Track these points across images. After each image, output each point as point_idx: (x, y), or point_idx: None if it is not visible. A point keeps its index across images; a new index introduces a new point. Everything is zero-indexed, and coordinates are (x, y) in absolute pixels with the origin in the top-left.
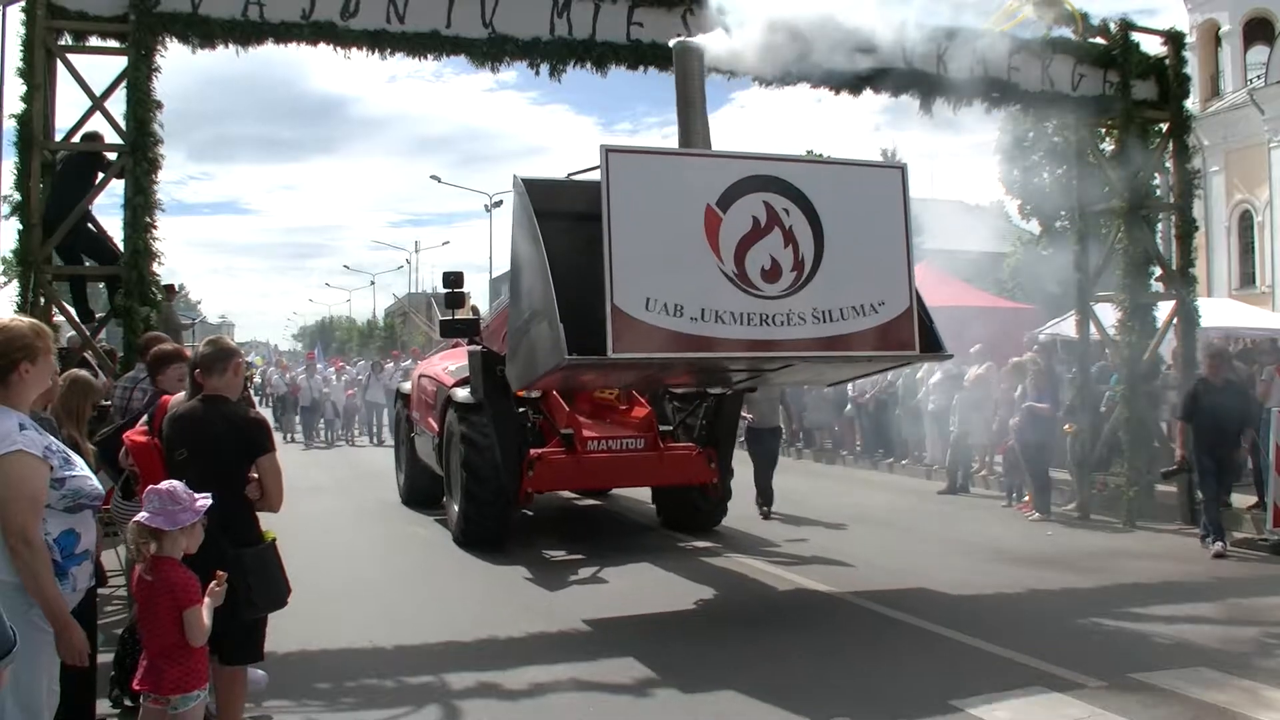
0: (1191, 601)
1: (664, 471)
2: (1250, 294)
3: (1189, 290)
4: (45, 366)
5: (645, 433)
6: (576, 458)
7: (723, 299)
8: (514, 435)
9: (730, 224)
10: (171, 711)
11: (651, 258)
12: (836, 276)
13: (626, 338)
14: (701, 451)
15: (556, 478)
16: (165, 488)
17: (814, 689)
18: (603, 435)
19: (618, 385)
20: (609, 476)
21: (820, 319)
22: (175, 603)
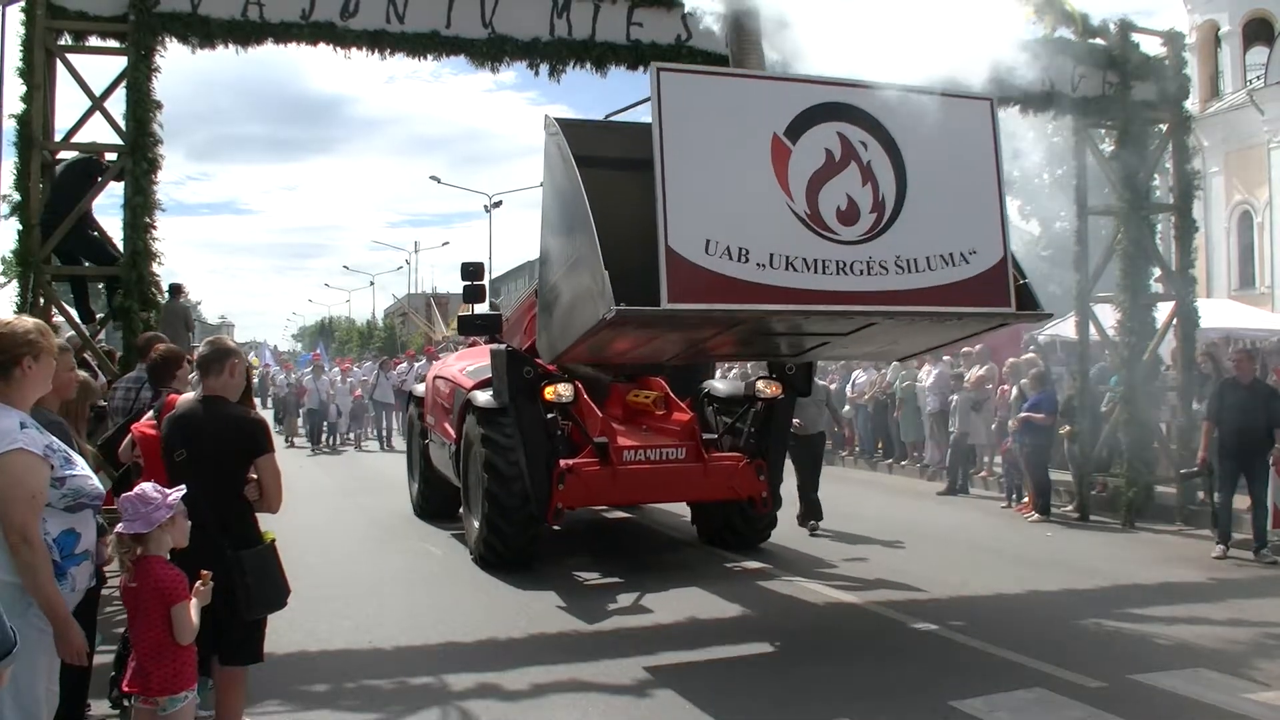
0: (1191, 603)
1: (708, 485)
2: (1250, 294)
3: (1189, 291)
4: (47, 365)
5: (687, 441)
6: (612, 470)
7: (794, 243)
8: (542, 444)
9: (800, 157)
10: (160, 713)
11: (711, 193)
12: (921, 221)
13: (683, 286)
14: (750, 462)
15: (590, 492)
16: (134, 493)
17: (813, 689)
18: (641, 444)
19: (657, 357)
20: (648, 491)
21: (904, 269)
22: (163, 601)
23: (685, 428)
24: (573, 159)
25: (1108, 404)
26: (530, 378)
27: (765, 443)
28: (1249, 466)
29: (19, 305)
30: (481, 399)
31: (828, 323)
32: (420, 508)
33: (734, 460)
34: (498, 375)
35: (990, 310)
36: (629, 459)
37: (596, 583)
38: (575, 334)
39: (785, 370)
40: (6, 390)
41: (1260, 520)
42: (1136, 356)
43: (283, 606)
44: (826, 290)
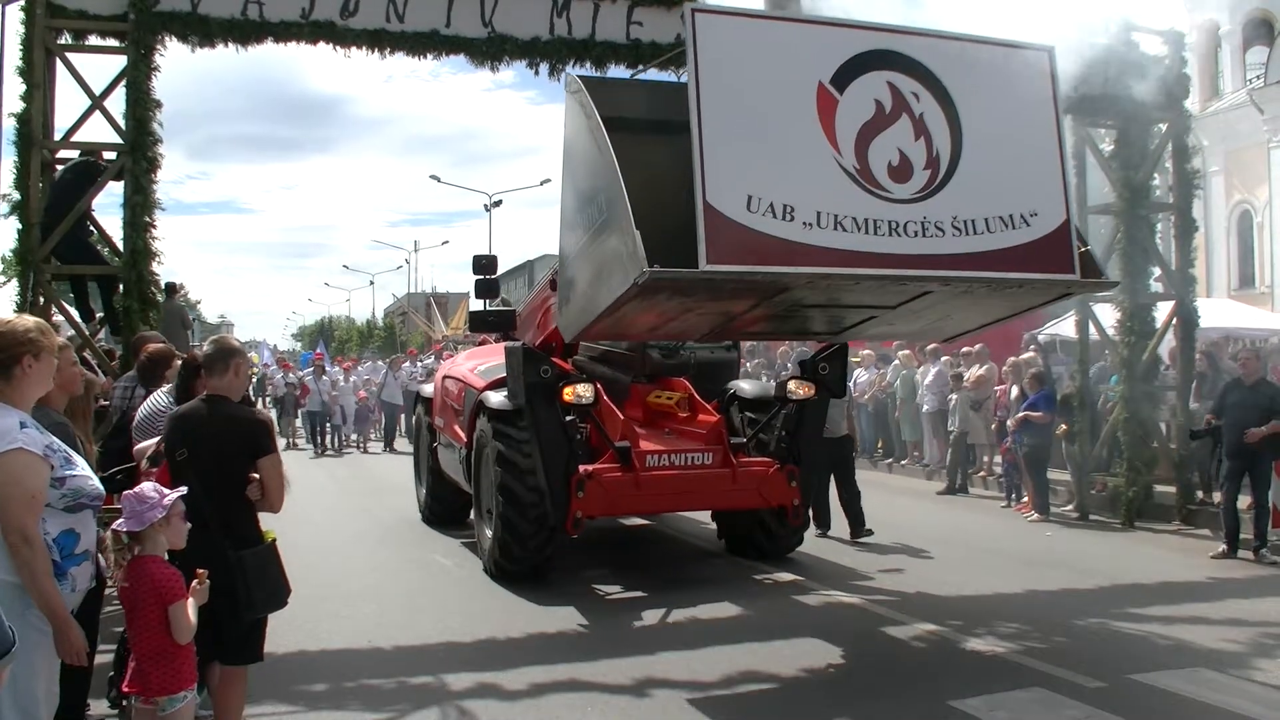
0: (1190, 602)
1: (737, 493)
2: (1249, 294)
3: (1188, 291)
4: (48, 364)
5: (714, 445)
6: (634, 476)
7: (843, 200)
8: (560, 448)
9: (848, 108)
10: (160, 713)
11: (753, 145)
12: (979, 179)
13: (724, 247)
14: (781, 469)
15: (611, 500)
16: (133, 491)
17: (812, 688)
18: (665, 449)
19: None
20: (672, 499)
21: (961, 230)
22: (160, 601)
23: (712, 431)
24: (599, 117)
25: (1105, 404)
26: (548, 377)
27: (796, 447)
28: (1252, 466)
29: (19, 304)
30: (495, 400)
31: (878, 292)
32: (428, 514)
33: (764, 466)
34: (513, 375)
35: (1054, 277)
36: (652, 465)
37: (618, 597)
38: (602, 304)
39: (817, 369)
40: (7, 389)
41: (1262, 520)
42: (1136, 356)
43: (283, 606)
44: (879, 253)
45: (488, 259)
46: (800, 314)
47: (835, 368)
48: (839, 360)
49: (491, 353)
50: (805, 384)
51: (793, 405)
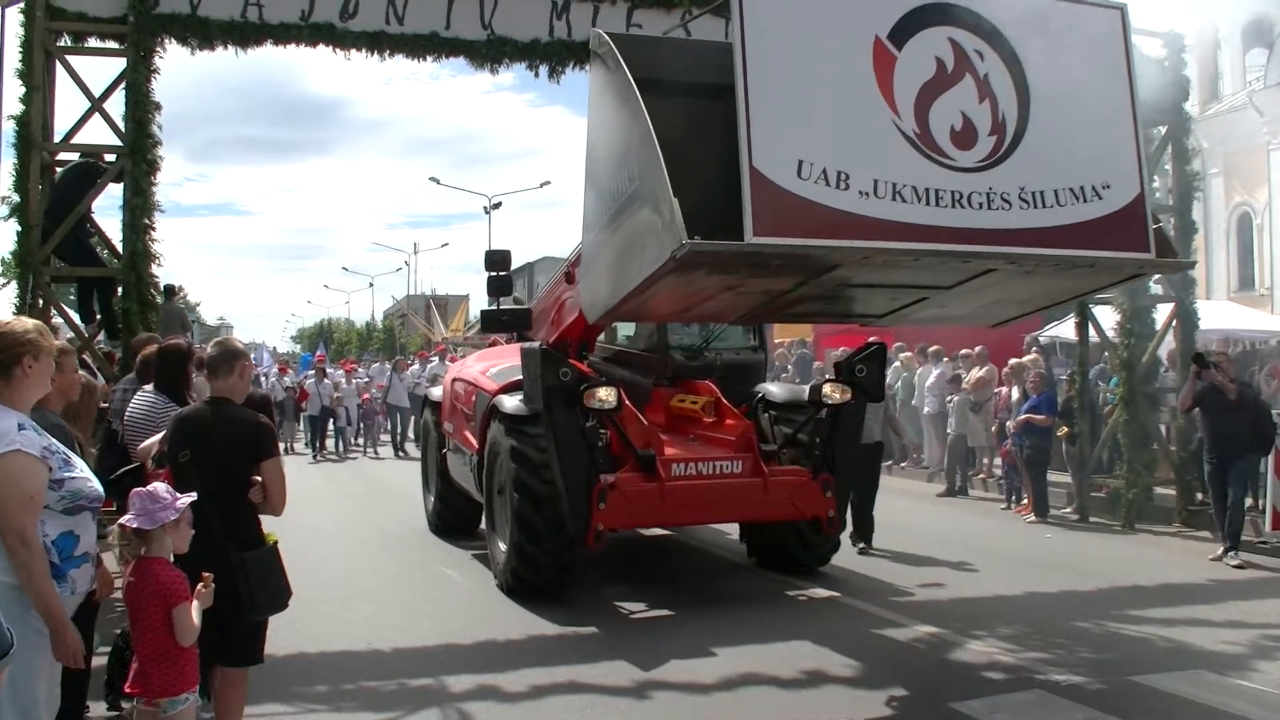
0: (1190, 604)
1: (768, 503)
2: (1249, 296)
3: (1188, 292)
4: (47, 365)
5: (743, 453)
6: (660, 486)
7: (902, 168)
8: (581, 456)
9: (907, 66)
10: (161, 714)
11: (804, 105)
12: (1047, 146)
13: (772, 217)
14: (815, 478)
15: (634, 512)
16: (146, 489)
17: (812, 690)
18: (692, 457)
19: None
20: (700, 510)
21: (1029, 203)
22: (164, 603)
23: (741, 437)
24: (629, 75)
25: (1104, 406)
26: (568, 380)
27: (831, 455)
28: (1226, 470)
29: (18, 306)
30: (509, 405)
31: (937, 270)
32: (436, 522)
33: (797, 475)
34: (529, 377)
35: (1128, 256)
36: (678, 474)
37: (643, 616)
38: (632, 282)
39: (854, 372)
40: (6, 391)
41: (1236, 522)
42: (1136, 358)
43: (284, 608)
44: (942, 227)
45: (500, 254)
46: (846, 294)
47: (873, 370)
48: (876, 362)
49: (503, 354)
50: (841, 387)
51: (828, 410)
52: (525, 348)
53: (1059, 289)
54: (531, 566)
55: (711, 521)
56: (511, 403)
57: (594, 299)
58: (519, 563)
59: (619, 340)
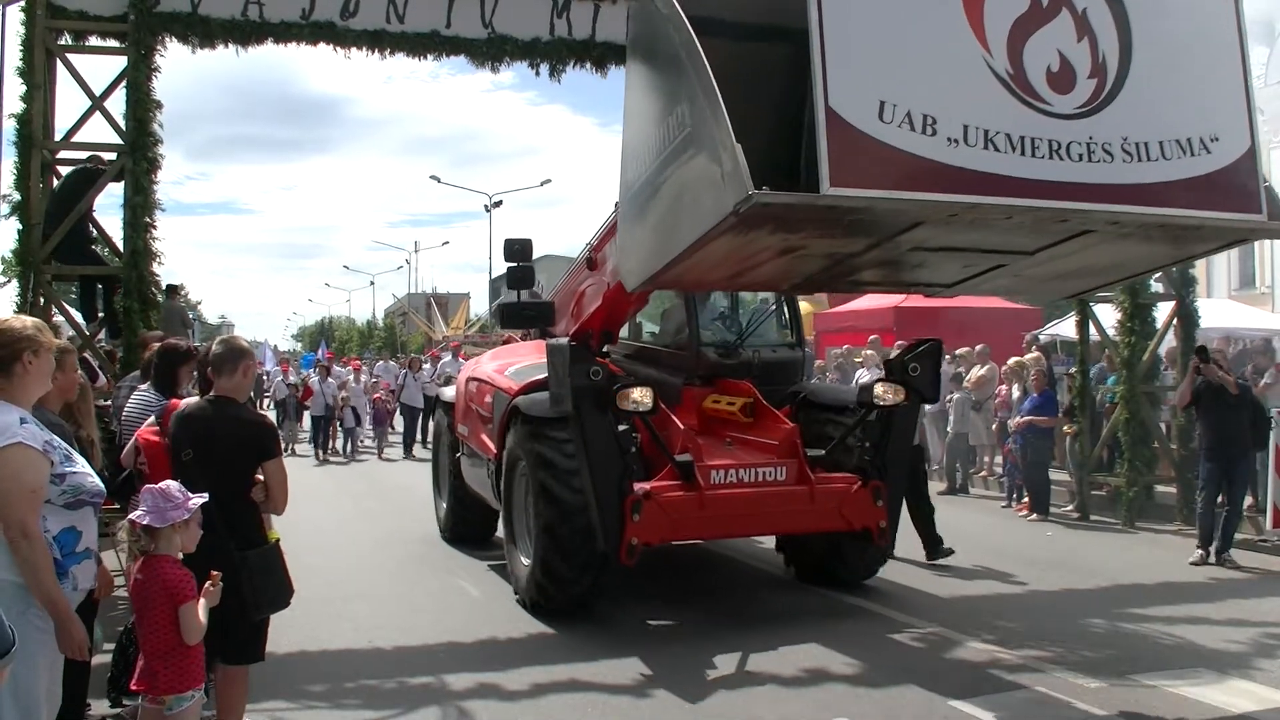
0: (1190, 603)
1: (815, 514)
2: (1250, 295)
3: (1188, 291)
4: (47, 362)
5: (787, 459)
6: (698, 495)
7: (995, 112)
8: (613, 463)
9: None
10: (167, 712)
11: (885, 39)
12: (1151, 92)
13: (852, 164)
14: (865, 485)
15: (671, 524)
16: (159, 486)
17: (813, 689)
18: (732, 463)
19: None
20: (742, 521)
21: (1132, 155)
22: (171, 601)
23: (785, 441)
24: (681, 11)
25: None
26: (599, 380)
27: (882, 461)
28: (1230, 470)
29: (19, 305)
30: (533, 407)
31: (1029, 231)
32: (449, 531)
33: (846, 483)
34: (556, 377)
35: (1239, 219)
36: (718, 481)
37: (659, 623)
38: (682, 241)
39: (906, 370)
40: (7, 387)
41: (1231, 525)
42: (1137, 356)
43: (286, 606)
44: (1039, 180)
45: (521, 243)
46: (916, 260)
47: (926, 369)
48: (930, 360)
49: (519, 352)
50: (894, 387)
51: (879, 410)
52: (552, 344)
53: (1151, 255)
54: (558, 584)
55: (753, 534)
56: (535, 405)
57: (633, 265)
58: (544, 578)
59: (644, 336)
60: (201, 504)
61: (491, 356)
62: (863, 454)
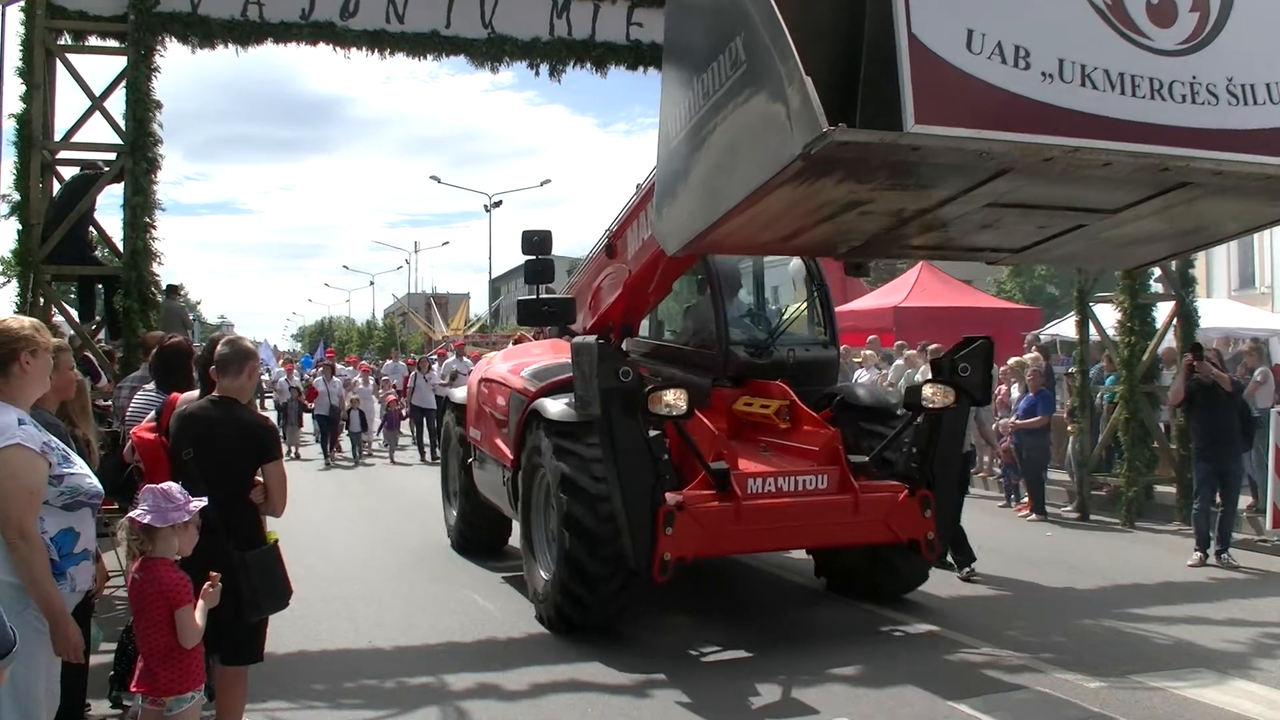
0: (1191, 602)
1: (859, 525)
2: (1250, 295)
3: (1188, 291)
4: (44, 362)
5: (829, 466)
6: (735, 506)
7: (1092, 45)
8: (644, 472)
9: None
10: (167, 713)
11: None
12: (1257, 29)
13: (938, 98)
14: (912, 494)
15: (707, 537)
16: (161, 487)
17: (813, 689)
18: (770, 471)
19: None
20: (782, 535)
21: (1238, 98)
22: (168, 604)
23: (826, 447)
24: None
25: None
26: (629, 382)
27: (932, 466)
28: (1224, 470)
29: (19, 305)
30: (555, 410)
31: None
32: (459, 540)
33: (892, 491)
34: (582, 377)
35: None
36: (755, 490)
37: (717, 658)
38: (736, 193)
39: (955, 370)
40: (5, 387)
41: (1227, 524)
42: (1136, 356)
43: (285, 607)
44: (1141, 123)
45: (541, 235)
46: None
47: (976, 369)
48: (980, 360)
49: (534, 351)
50: (943, 389)
51: (926, 413)
52: (578, 342)
53: (1240, 214)
54: (582, 604)
55: (793, 547)
56: (556, 408)
57: (674, 225)
58: (567, 595)
59: (665, 334)
60: (201, 507)
61: (504, 356)
62: (909, 460)
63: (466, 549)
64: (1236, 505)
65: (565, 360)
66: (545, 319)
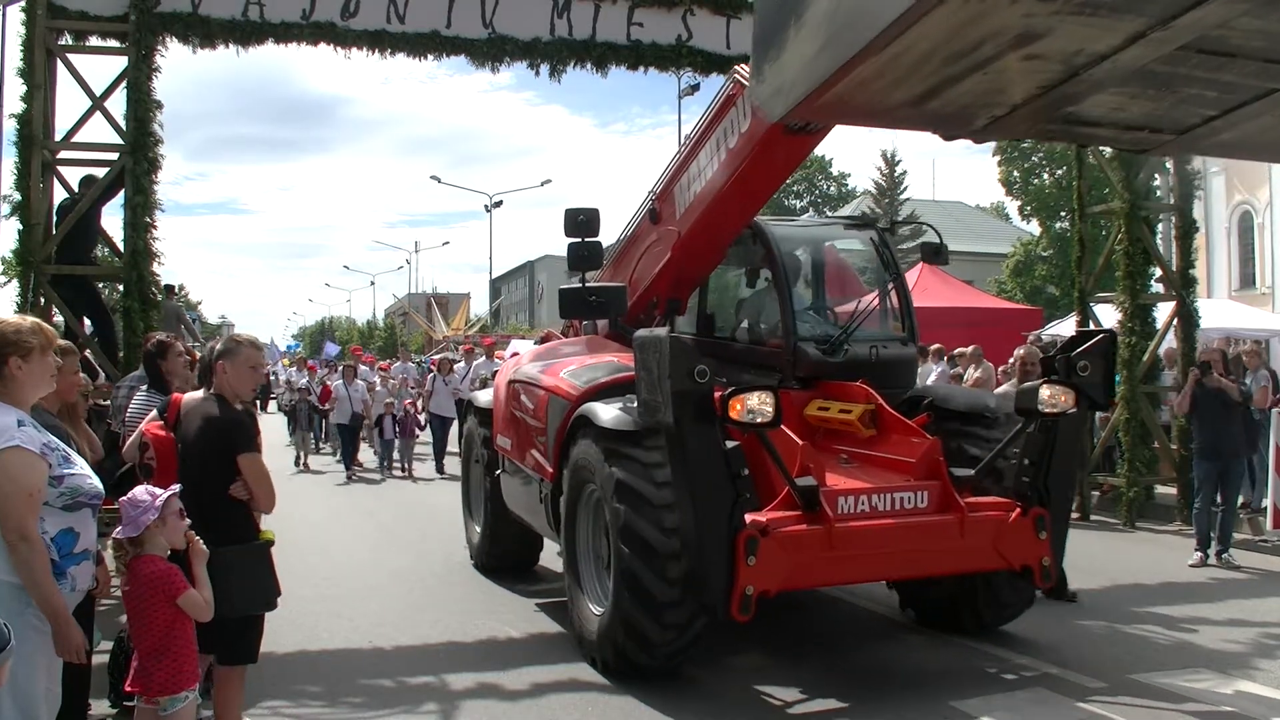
0: (1191, 603)
1: (967, 551)
2: (1250, 295)
3: (1189, 291)
4: (40, 364)
5: (928, 481)
6: (826, 530)
7: None
8: (722, 491)
9: None
10: (161, 713)
11: None
12: None
13: None
14: (1025, 513)
15: (797, 567)
16: (126, 497)
17: (814, 689)
18: (864, 488)
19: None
20: (878, 563)
21: None
22: (167, 594)
23: (924, 459)
24: None
25: None
26: (705, 383)
27: (1045, 482)
28: (1225, 470)
29: (19, 305)
30: (608, 416)
31: None
32: (482, 559)
33: (1001, 510)
34: (650, 378)
35: None
36: (846, 510)
37: (804, 709)
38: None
39: (1075, 369)
40: (2, 389)
41: (1227, 524)
42: (1137, 357)
43: (267, 609)
44: None
45: (586, 214)
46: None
47: (1097, 367)
48: (1102, 357)
49: (565, 351)
50: (1064, 391)
51: (1039, 418)
52: (646, 335)
53: None
54: (645, 644)
55: (889, 578)
56: (609, 413)
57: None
58: (627, 634)
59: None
60: (183, 497)
61: (533, 356)
62: (1020, 473)
63: (490, 569)
64: (1235, 505)
65: (608, 360)
66: (592, 310)
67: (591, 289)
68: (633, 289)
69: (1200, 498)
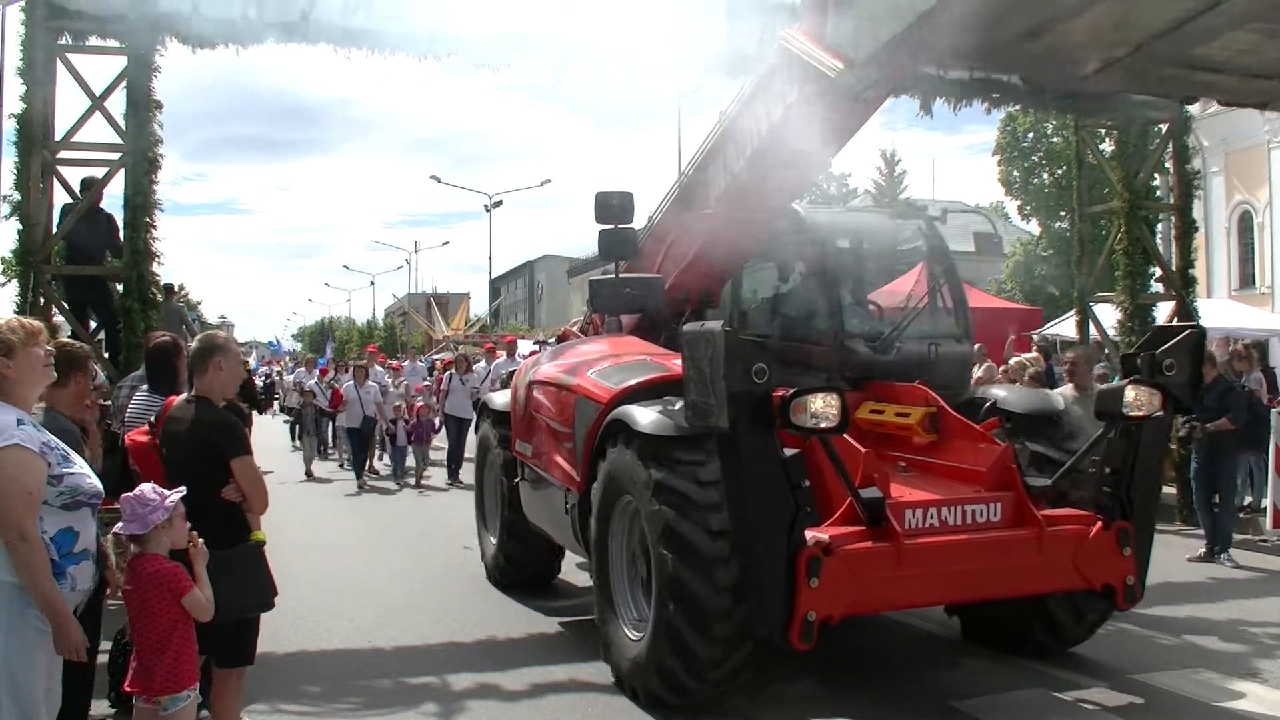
0: (1191, 603)
1: (1044, 569)
2: (1250, 295)
3: (1189, 291)
4: (27, 360)
5: (1000, 491)
6: (895, 547)
7: None
8: (781, 504)
9: None
10: (161, 712)
11: None
12: None
13: None
14: (1108, 527)
15: (860, 588)
16: (134, 493)
17: (814, 689)
18: (933, 500)
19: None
20: (951, 582)
21: None
22: (172, 592)
23: (996, 467)
24: None
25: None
26: (763, 384)
27: (1128, 492)
28: (1212, 464)
29: (19, 305)
30: (647, 420)
31: None
32: (498, 574)
33: (1081, 523)
34: (701, 378)
35: None
36: (914, 525)
37: None
38: None
39: (1160, 368)
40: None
41: (1225, 523)
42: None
43: (260, 611)
44: None
45: (620, 198)
46: None
47: (1183, 367)
48: (1188, 355)
49: (586, 350)
50: (1150, 392)
51: (1120, 422)
52: (697, 330)
53: None
54: (694, 670)
55: (961, 600)
56: (648, 417)
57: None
58: (663, 681)
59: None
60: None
61: (552, 355)
62: (1101, 483)
63: (507, 584)
64: (1232, 502)
65: (639, 358)
66: (627, 304)
67: (625, 280)
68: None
69: (1197, 490)
